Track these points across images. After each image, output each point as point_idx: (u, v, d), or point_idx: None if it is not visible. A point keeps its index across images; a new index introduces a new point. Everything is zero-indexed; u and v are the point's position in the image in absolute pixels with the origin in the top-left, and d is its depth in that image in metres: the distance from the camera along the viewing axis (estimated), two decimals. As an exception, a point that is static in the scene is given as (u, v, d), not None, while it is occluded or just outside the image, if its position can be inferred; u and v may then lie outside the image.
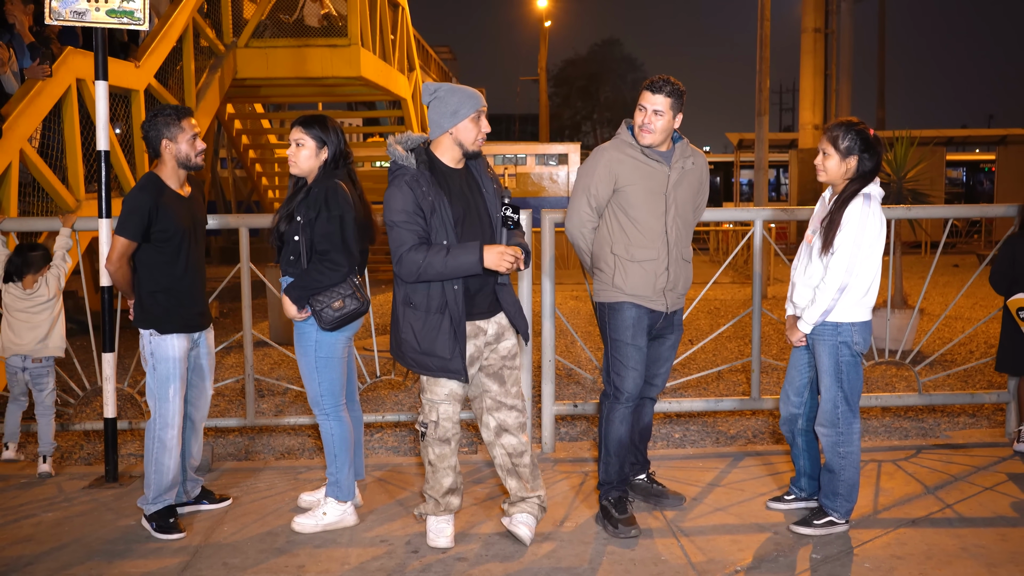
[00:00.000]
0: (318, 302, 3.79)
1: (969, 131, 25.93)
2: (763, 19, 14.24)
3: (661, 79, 3.87)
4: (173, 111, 3.93)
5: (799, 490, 4.15)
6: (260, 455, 5.55)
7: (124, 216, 3.85)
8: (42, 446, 4.85)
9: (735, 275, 15.77)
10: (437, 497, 3.77)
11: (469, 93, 3.62)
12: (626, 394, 3.97)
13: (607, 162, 3.92)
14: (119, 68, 8.05)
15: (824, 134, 3.78)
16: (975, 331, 8.91)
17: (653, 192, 3.88)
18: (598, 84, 62.45)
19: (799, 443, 4.07)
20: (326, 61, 11.73)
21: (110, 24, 4.50)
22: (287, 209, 3.88)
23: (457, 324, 3.58)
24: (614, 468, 4.03)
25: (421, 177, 3.54)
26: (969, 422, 5.93)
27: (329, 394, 3.96)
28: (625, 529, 3.86)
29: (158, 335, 3.93)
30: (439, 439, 3.71)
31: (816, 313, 3.73)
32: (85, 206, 7.21)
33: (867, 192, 3.70)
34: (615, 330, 3.97)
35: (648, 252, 3.90)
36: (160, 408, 3.93)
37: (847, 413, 3.79)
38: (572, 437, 5.77)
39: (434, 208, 3.52)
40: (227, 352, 8.50)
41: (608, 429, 4.02)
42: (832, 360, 3.77)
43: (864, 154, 3.70)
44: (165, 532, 3.92)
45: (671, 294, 3.96)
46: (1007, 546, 3.72)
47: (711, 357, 8.34)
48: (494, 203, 3.70)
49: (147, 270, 3.93)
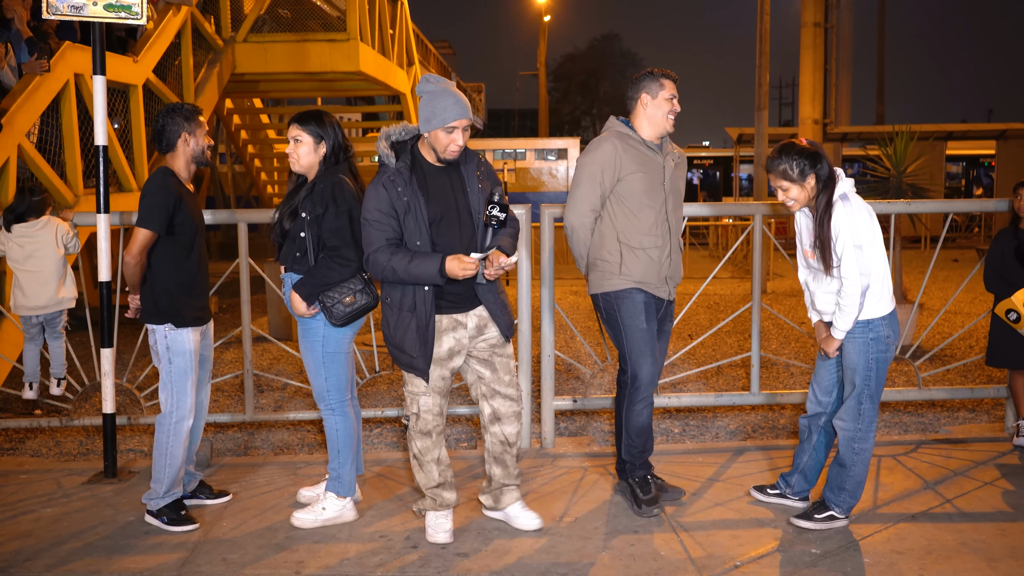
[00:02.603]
0: (329, 298, 3.78)
1: (969, 125, 25.91)
2: (763, 13, 14.22)
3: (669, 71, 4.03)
4: (191, 107, 3.97)
5: (785, 485, 4.14)
6: (259, 450, 5.55)
7: (149, 208, 3.83)
8: (54, 368, 4.98)
9: (734, 270, 15.76)
10: (427, 491, 3.79)
11: (447, 104, 3.49)
12: (643, 380, 4.02)
13: (614, 151, 3.94)
14: (117, 63, 8.03)
15: (771, 173, 3.71)
16: (974, 326, 8.91)
17: (653, 181, 3.97)
18: (597, 79, 62.39)
19: (813, 439, 4.03)
20: (325, 56, 11.70)
21: (108, 18, 4.49)
22: (290, 205, 3.86)
23: (424, 326, 3.57)
24: (637, 449, 4.12)
25: (398, 177, 3.54)
26: (969, 417, 5.93)
27: (336, 389, 3.96)
28: (648, 509, 4.01)
29: (174, 329, 3.93)
30: (420, 431, 3.72)
31: (848, 320, 3.70)
32: (83, 201, 7.20)
33: (841, 194, 3.68)
34: (628, 316, 3.99)
35: (653, 240, 3.97)
36: (179, 401, 3.94)
37: (870, 410, 3.79)
38: (571, 432, 5.77)
39: (408, 208, 3.51)
40: (226, 347, 8.50)
41: (629, 417, 4.08)
42: (863, 357, 3.76)
43: (815, 167, 3.66)
44: (178, 524, 3.93)
45: (671, 281, 4.07)
46: (1007, 541, 3.72)
47: (710, 352, 8.34)
48: (480, 203, 3.65)
49: (162, 264, 3.93)
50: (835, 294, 3.74)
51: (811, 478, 4.08)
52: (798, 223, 3.88)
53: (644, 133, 3.99)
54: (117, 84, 8.21)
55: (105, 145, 4.55)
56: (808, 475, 4.08)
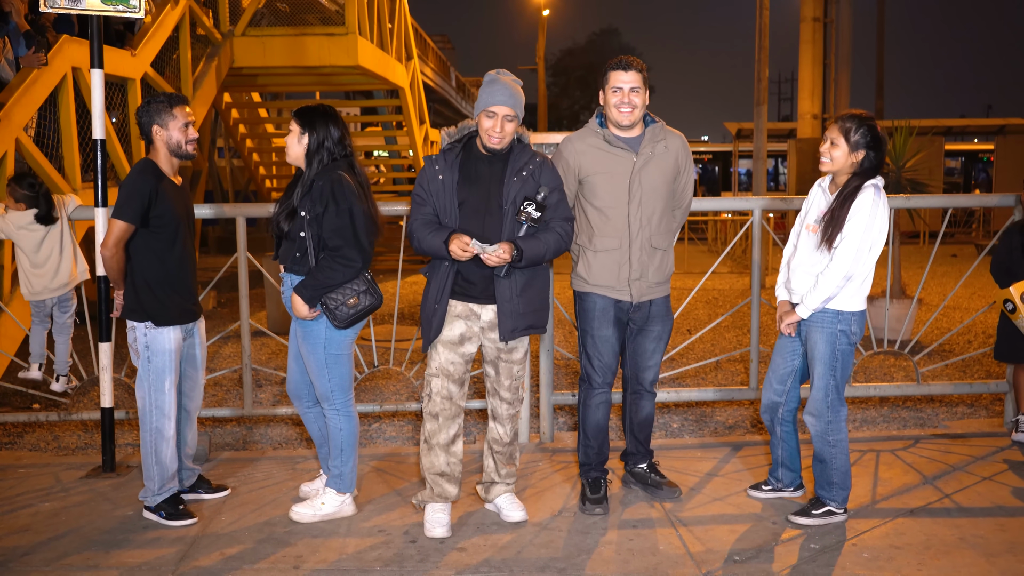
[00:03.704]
0: (332, 300, 3.73)
1: (968, 121, 25.88)
2: (762, 8, 14.19)
3: (629, 57, 3.90)
4: (166, 98, 3.90)
5: (776, 480, 4.15)
6: (257, 445, 5.55)
7: (123, 199, 3.79)
8: (58, 365, 5.04)
9: (733, 265, 15.75)
10: (428, 476, 3.82)
11: (494, 90, 3.63)
12: (597, 381, 4.02)
13: (569, 154, 3.93)
14: (115, 56, 8.01)
15: (835, 123, 3.71)
16: (973, 321, 8.91)
17: (617, 181, 3.85)
18: (596, 74, 62.25)
19: (778, 432, 4.06)
20: (323, 50, 11.68)
21: (105, 12, 4.47)
22: (286, 204, 3.82)
23: (435, 299, 3.71)
24: (593, 451, 4.10)
25: (442, 156, 3.73)
26: (967, 412, 5.93)
27: (340, 389, 3.92)
28: (591, 507, 3.97)
29: (154, 328, 3.89)
30: (430, 413, 3.80)
31: (818, 300, 3.70)
32: (81, 195, 7.18)
33: (876, 183, 3.68)
34: (581, 319, 4.03)
35: (610, 241, 3.88)
36: (156, 400, 3.90)
37: (836, 401, 3.79)
38: (570, 427, 5.76)
39: (443, 187, 3.67)
40: (224, 342, 8.49)
41: (585, 414, 4.09)
42: (829, 348, 3.75)
43: (871, 151, 3.67)
44: (177, 519, 3.92)
45: (638, 284, 3.91)
46: (1005, 536, 3.72)
47: (709, 347, 8.33)
48: (513, 196, 3.66)
49: (142, 259, 3.87)
50: (815, 275, 3.73)
51: (795, 467, 4.10)
52: (810, 198, 3.88)
53: (612, 128, 3.91)
54: (115, 78, 8.18)
55: (103, 139, 4.53)
56: (790, 465, 4.10)
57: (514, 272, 3.67)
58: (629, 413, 4.26)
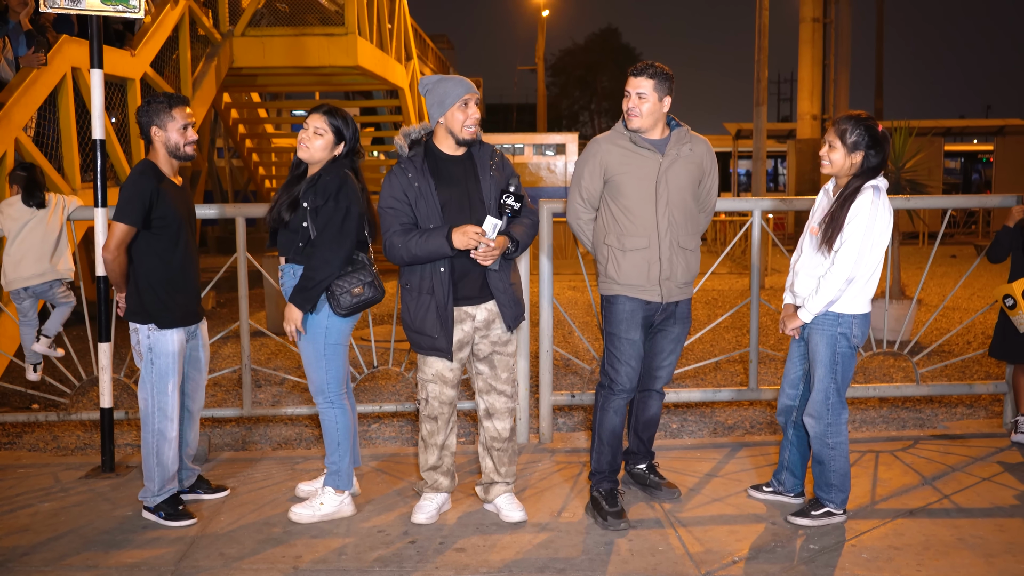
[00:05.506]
0: (338, 286, 3.79)
1: (967, 121, 25.89)
2: (761, 8, 14.19)
3: (643, 63, 3.89)
4: (166, 99, 3.89)
5: (778, 483, 4.15)
6: (257, 445, 5.55)
7: (123, 202, 3.78)
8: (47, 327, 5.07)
9: (733, 265, 15.75)
10: (424, 472, 3.93)
11: (455, 82, 3.72)
12: (619, 386, 3.98)
13: (596, 154, 3.94)
14: (115, 57, 8.01)
15: (832, 126, 3.73)
16: (972, 322, 8.91)
17: (644, 181, 3.86)
18: (596, 74, 62.21)
19: (790, 435, 4.06)
20: (323, 50, 11.68)
21: (105, 12, 4.47)
22: (289, 195, 3.84)
23: (442, 306, 3.70)
24: (607, 458, 4.04)
25: (410, 164, 3.71)
26: (967, 412, 5.93)
27: (335, 381, 3.96)
28: (615, 522, 3.86)
29: (157, 330, 3.89)
30: (428, 416, 3.87)
31: (820, 303, 3.70)
32: (81, 195, 7.18)
33: (876, 184, 3.68)
34: (609, 323, 3.99)
35: (639, 240, 3.87)
36: (159, 402, 3.90)
37: (837, 404, 3.78)
38: (569, 427, 5.76)
39: (420, 193, 3.67)
40: (224, 342, 8.49)
41: (602, 419, 4.03)
42: (829, 350, 3.76)
43: (871, 151, 3.67)
44: (176, 519, 3.92)
45: (668, 283, 3.91)
46: (1004, 536, 3.72)
47: (709, 347, 8.34)
48: (492, 190, 3.74)
49: (145, 261, 3.86)
50: (816, 277, 3.74)
51: (799, 473, 4.09)
52: (817, 201, 3.91)
53: (631, 125, 3.91)
54: (115, 78, 8.18)
55: (103, 139, 4.54)
56: (795, 470, 4.09)
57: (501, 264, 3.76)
58: (635, 412, 4.26)
